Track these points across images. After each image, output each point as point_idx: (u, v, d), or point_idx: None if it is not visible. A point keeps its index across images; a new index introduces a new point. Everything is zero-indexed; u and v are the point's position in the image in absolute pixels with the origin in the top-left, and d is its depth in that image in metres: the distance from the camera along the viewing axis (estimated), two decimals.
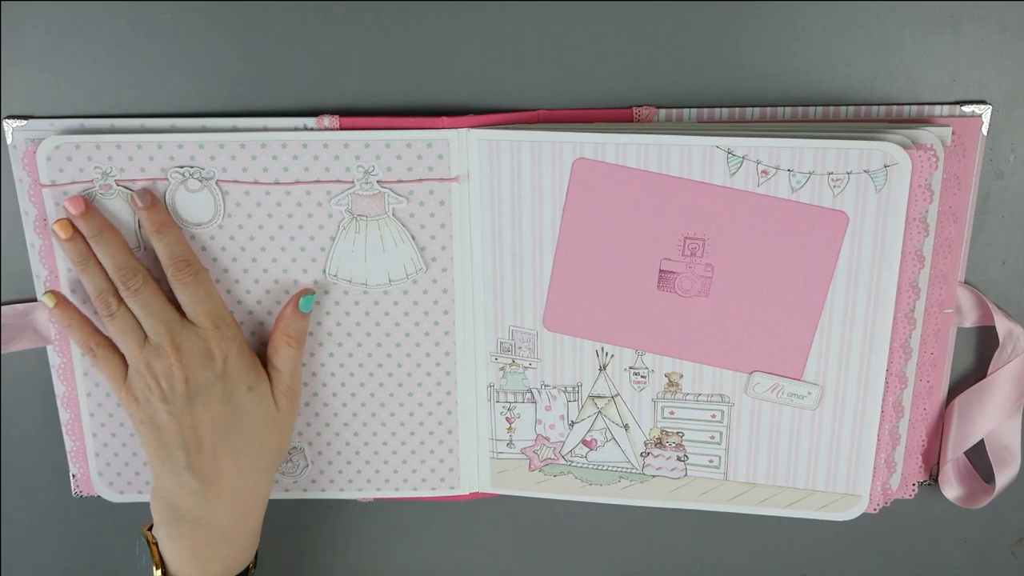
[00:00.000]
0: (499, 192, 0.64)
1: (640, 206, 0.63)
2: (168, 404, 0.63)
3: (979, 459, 0.70)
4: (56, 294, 0.65)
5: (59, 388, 0.69)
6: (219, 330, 0.64)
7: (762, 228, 0.62)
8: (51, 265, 0.66)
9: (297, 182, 0.64)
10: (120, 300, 0.63)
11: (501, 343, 0.68)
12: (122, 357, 0.65)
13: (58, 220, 0.63)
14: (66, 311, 0.65)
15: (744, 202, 0.62)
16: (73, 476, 0.72)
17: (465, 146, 0.63)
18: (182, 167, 0.64)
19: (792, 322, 0.64)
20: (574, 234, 0.64)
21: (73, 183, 0.64)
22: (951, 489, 0.71)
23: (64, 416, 0.70)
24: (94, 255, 0.64)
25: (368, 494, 0.72)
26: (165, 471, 0.64)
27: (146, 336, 0.63)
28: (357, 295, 0.67)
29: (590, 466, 0.70)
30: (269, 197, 0.64)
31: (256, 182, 0.64)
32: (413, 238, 0.65)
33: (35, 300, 0.68)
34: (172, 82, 0.64)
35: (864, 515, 0.69)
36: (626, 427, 0.69)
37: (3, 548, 0.76)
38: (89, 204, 0.64)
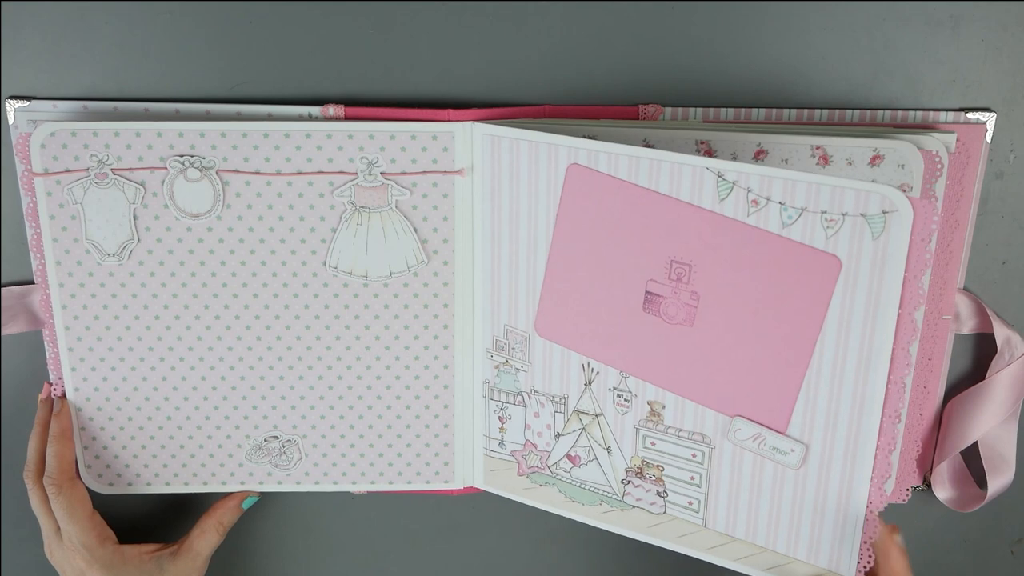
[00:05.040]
0: (499, 188, 0.64)
1: (629, 221, 0.60)
2: None
3: (974, 465, 0.71)
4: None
5: (52, 376, 0.68)
6: (77, 548, 0.67)
7: (750, 261, 0.58)
8: (41, 255, 0.65)
9: (299, 172, 0.64)
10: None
11: (496, 340, 0.67)
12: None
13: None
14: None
15: (732, 231, 0.58)
16: None
17: (470, 139, 0.63)
18: (182, 156, 0.63)
19: (778, 369, 0.59)
20: (566, 240, 0.63)
21: (67, 171, 0.63)
22: (943, 490, 0.71)
23: (56, 406, 0.69)
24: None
25: (362, 487, 0.71)
26: None
27: None
28: (356, 287, 0.66)
29: (574, 482, 0.69)
30: (270, 188, 0.64)
31: (257, 172, 0.64)
32: (415, 230, 0.65)
33: (33, 283, 0.68)
34: (176, 67, 0.64)
35: None
36: (608, 449, 0.67)
37: (3, 549, 0.75)
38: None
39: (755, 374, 0.60)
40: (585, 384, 0.66)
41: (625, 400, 0.65)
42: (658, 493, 0.66)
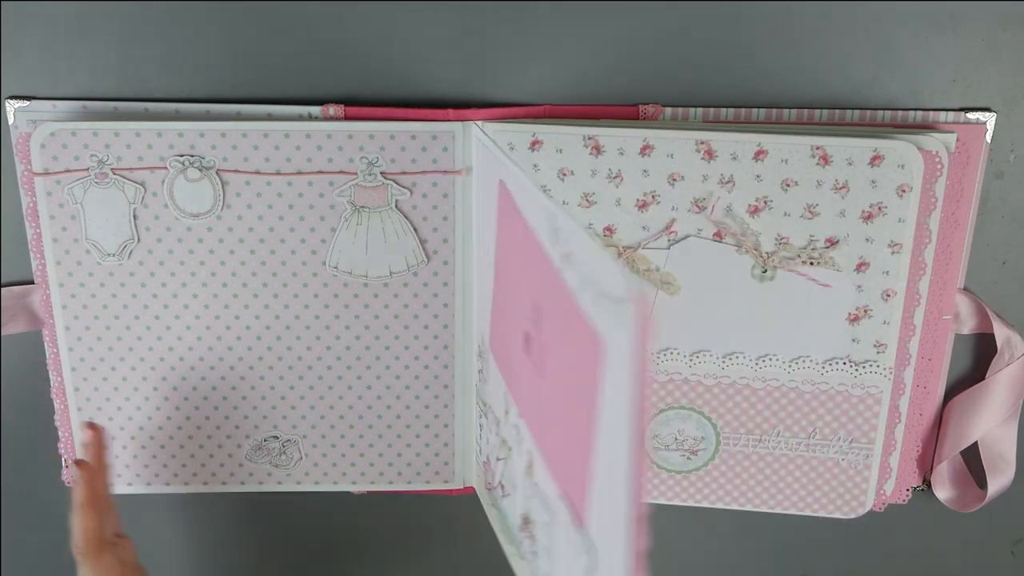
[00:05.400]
0: (479, 192, 0.64)
1: (520, 251, 0.54)
2: None
3: (974, 465, 0.71)
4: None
5: (52, 377, 0.68)
6: None
7: (564, 321, 0.48)
8: (41, 255, 0.65)
9: (299, 172, 0.64)
10: None
11: (479, 346, 0.67)
12: None
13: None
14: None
15: (556, 283, 0.48)
16: (64, 465, 0.70)
17: (471, 139, 0.63)
18: (182, 156, 0.63)
19: (578, 452, 0.48)
20: (500, 258, 0.60)
21: (67, 171, 0.63)
22: (943, 490, 0.71)
23: (55, 405, 0.69)
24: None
25: (362, 487, 0.71)
26: None
27: None
28: (356, 287, 0.66)
29: (503, 512, 0.66)
30: (270, 188, 0.64)
31: (258, 172, 0.64)
32: (415, 230, 0.65)
33: (33, 283, 0.67)
34: (176, 67, 0.64)
35: (865, 515, 0.69)
36: (515, 488, 0.62)
37: (3, 549, 0.74)
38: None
39: (568, 451, 0.49)
40: (504, 412, 0.62)
41: (519, 442, 0.59)
42: (533, 552, 0.59)
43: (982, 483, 0.70)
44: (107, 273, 0.66)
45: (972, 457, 0.70)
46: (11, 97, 0.64)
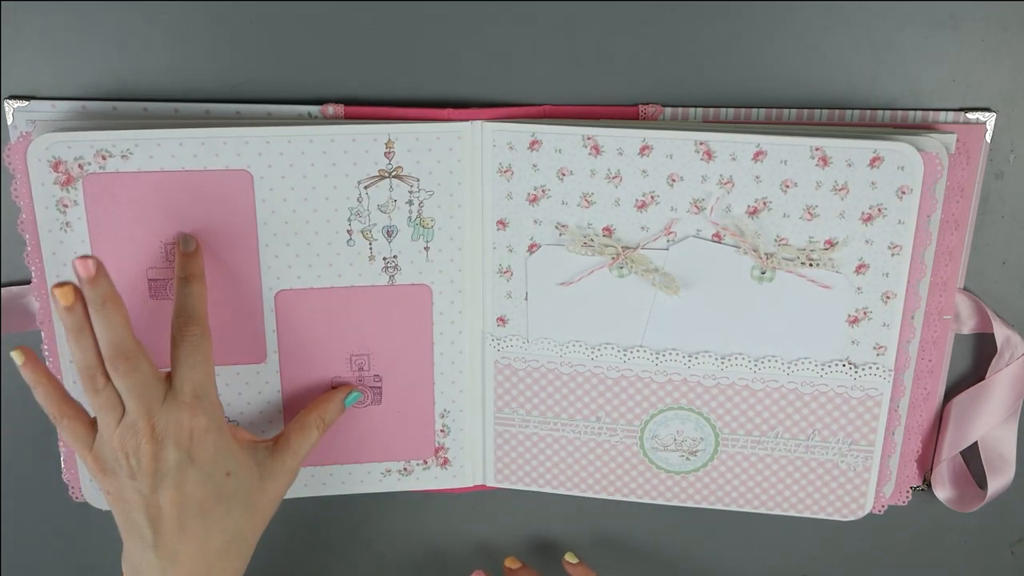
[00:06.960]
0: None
1: None
2: (135, 481, 0.58)
3: (974, 465, 0.71)
4: (25, 351, 0.59)
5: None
6: (200, 403, 0.59)
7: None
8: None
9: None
10: (107, 378, 0.57)
11: None
12: (89, 423, 0.59)
13: (59, 284, 0.55)
14: (35, 371, 0.59)
15: None
16: (68, 483, 0.69)
17: (480, 139, 0.63)
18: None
19: None
20: None
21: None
22: (943, 490, 0.71)
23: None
24: (90, 326, 0.56)
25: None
26: (131, 542, 0.60)
27: (124, 411, 0.58)
28: None
29: None
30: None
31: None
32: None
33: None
34: (176, 67, 0.64)
35: (865, 515, 0.69)
36: None
37: (3, 551, 0.74)
38: (100, 268, 0.55)
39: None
40: None
41: None
42: None
43: (982, 483, 0.70)
44: None
45: (972, 457, 0.70)
46: (10, 97, 0.64)
